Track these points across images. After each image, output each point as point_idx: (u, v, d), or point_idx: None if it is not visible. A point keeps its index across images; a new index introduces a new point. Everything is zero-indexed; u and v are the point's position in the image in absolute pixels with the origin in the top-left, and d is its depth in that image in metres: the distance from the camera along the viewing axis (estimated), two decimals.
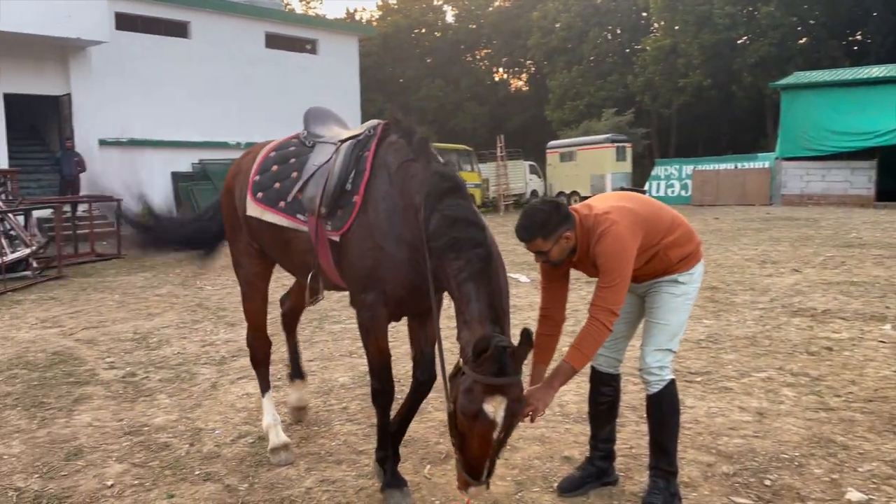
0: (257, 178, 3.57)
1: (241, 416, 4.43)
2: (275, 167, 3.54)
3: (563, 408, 4.33)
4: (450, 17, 49.85)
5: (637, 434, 3.86)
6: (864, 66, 25.76)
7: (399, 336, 6.29)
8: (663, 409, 3.07)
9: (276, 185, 3.47)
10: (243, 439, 4.04)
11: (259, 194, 3.52)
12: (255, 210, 3.55)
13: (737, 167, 25.51)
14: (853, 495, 3.11)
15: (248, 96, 20.95)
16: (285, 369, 5.40)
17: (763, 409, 4.26)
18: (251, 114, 20.55)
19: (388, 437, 3.25)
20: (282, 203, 3.42)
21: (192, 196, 18.84)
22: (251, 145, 3.96)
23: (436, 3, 49.29)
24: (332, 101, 3.54)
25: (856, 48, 35.66)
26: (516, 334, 2.49)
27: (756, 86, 34.13)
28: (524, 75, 51.79)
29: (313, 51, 23.93)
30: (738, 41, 34.69)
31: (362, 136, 3.29)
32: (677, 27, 36.01)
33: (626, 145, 28.53)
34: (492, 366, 2.40)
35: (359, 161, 3.19)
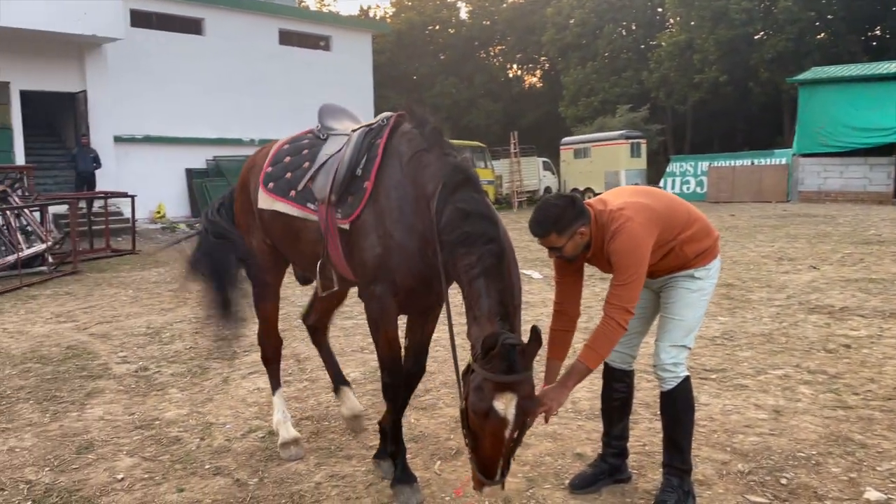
0: (269, 169, 3.55)
1: (251, 411, 4.42)
2: (287, 158, 3.52)
3: (575, 404, 4.28)
4: (464, 14, 49.77)
5: (650, 431, 3.81)
6: (884, 61, 25.39)
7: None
8: (677, 406, 3.02)
9: (288, 175, 3.45)
10: (254, 434, 4.03)
11: (270, 185, 3.50)
12: (266, 201, 3.52)
13: (753, 163, 25.24)
14: (872, 494, 3.05)
15: (261, 93, 21.01)
16: (296, 364, 5.44)
17: (779, 406, 4.19)
18: (265, 110, 20.61)
19: (400, 432, 3.22)
20: (292, 192, 3.39)
21: (206, 192, 18.95)
22: (265, 142, 3.94)
23: None
24: (346, 97, 3.52)
25: (875, 43, 35.14)
26: (525, 330, 2.45)
27: (773, 81, 33.75)
28: (538, 72, 51.59)
29: (327, 47, 23.95)
30: (755, 36, 34.31)
31: (375, 125, 3.27)
32: (693, 22, 35.67)
33: (641, 142, 28.33)
34: (501, 363, 2.36)
35: (371, 148, 3.15)
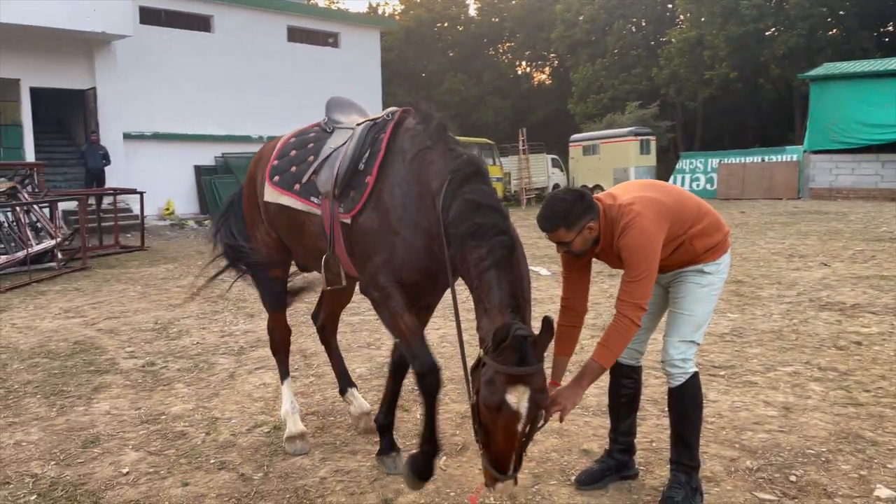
0: (275, 162, 3.55)
1: (257, 406, 4.42)
2: (293, 152, 3.51)
3: (582, 400, 4.24)
4: (472, 11, 49.74)
5: (658, 428, 3.77)
6: None
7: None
8: (686, 402, 2.98)
9: (293, 168, 3.44)
10: (259, 429, 4.02)
11: (276, 178, 3.49)
12: (271, 194, 3.51)
13: (764, 160, 25.07)
14: (882, 492, 3.00)
15: (269, 89, 21.04)
16: (302, 360, 5.43)
17: (789, 403, 4.15)
18: (273, 107, 20.64)
19: (437, 429, 2.95)
20: (297, 186, 3.38)
21: (214, 189, 19.00)
22: (273, 139, 3.92)
23: None
24: (354, 94, 3.56)
25: (887, 39, 34.87)
26: (537, 326, 2.42)
27: (784, 78, 33.54)
28: (547, 69, 51.46)
29: (335, 44, 23.96)
30: (766, 33, 34.08)
31: (380, 120, 3.24)
32: (703, 18, 35.49)
33: (650, 138, 28.18)
34: (512, 355, 2.32)
35: (374, 143, 3.12)
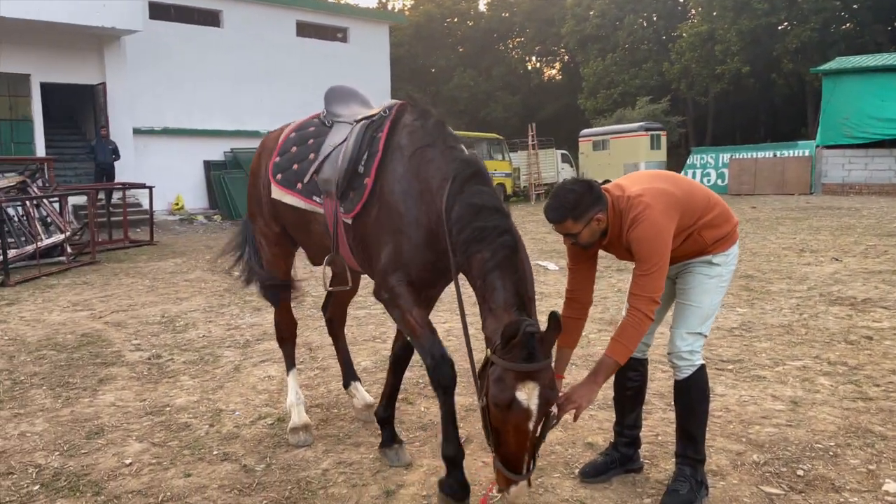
0: (277, 159, 3.54)
1: (261, 398, 4.41)
2: (294, 148, 3.50)
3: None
4: (482, 6, 49.57)
5: (664, 422, 3.74)
6: None
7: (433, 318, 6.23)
8: (692, 395, 2.94)
9: (295, 166, 3.43)
10: (263, 421, 4.02)
11: (279, 176, 3.49)
12: (276, 192, 3.52)
13: (775, 155, 24.85)
14: (891, 486, 2.96)
15: (279, 85, 21.04)
16: (308, 353, 5.42)
17: (797, 397, 4.10)
18: (282, 102, 20.61)
19: (456, 429, 2.86)
20: (299, 185, 3.38)
21: (223, 184, 19.04)
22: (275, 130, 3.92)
23: None
24: (363, 89, 3.58)
25: None
26: (543, 322, 2.40)
27: (797, 73, 33.25)
28: (557, 64, 51.28)
29: (344, 39, 23.93)
30: (779, 27, 33.78)
31: (377, 117, 3.21)
32: (715, 13, 35.22)
33: (661, 133, 28.05)
34: (521, 351, 2.30)
35: (372, 142, 3.11)
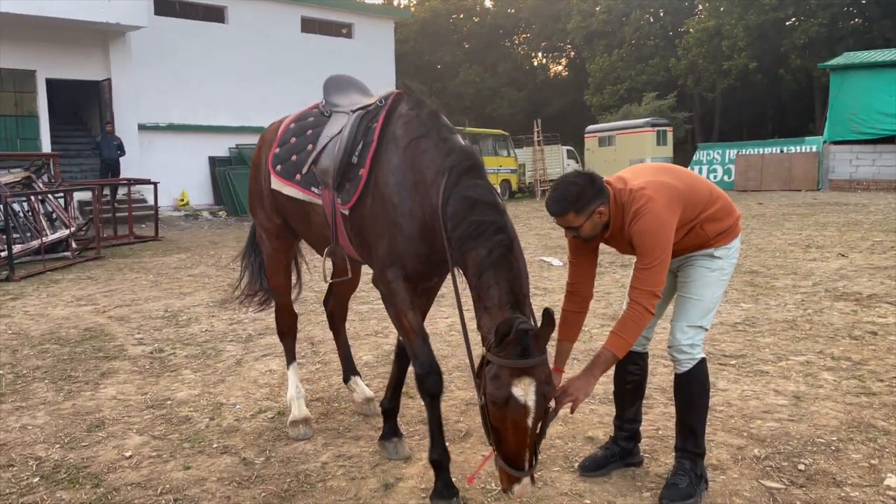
0: (277, 150, 3.53)
1: (262, 392, 4.41)
2: (293, 139, 3.49)
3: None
4: (488, 2, 49.45)
5: (665, 416, 3.72)
6: None
7: (427, 317, 6.22)
8: (692, 388, 2.93)
9: (293, 157, 3.42)
10: (263, 414, 4.02)
11: (278, 167, 3.48)
12: (276, 183, 3.52)
13: (782, 151, 24.72)
14: (893, 481, 2.93)
15: (283, 81, 21.03)
16: (310, 347, 5.42)
17: (800, 392, 4.07)
18: (287, 98, 20.56)
19: (441, 434, 2.90)
20: (298, 176, 3.37)
21: (228, 180, 19.06)
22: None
23: None
24: (368, 84, 3.57)
25: None
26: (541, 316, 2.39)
27: (804, 68, 33.06)
28: (563, 60, 51.15)
29: (349, 35, 23.91)
30: (786, 22, 33.60)
31: (372, 107, 3.19)
32: (722, 8, 35.02)
33: (667, 129, 27.95)
34: (515, 349, 2.30)
35: (367, 133, 3.09)
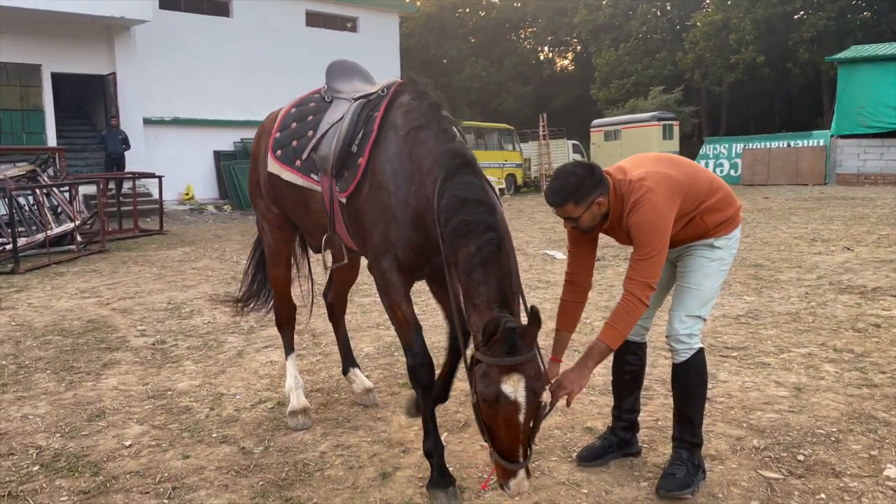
0: (277, 135, 3.53)
1: (263, 383, 4.42)
2: (294, 124, 3.49)
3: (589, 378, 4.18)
4: None
5: (664, 407, 3.70)
6: None
7: (427, 309, 6.22)
8: (689, 378, 2.91)
9: (294, 142, 3.42)
10: (263, 404, 4.03)
11: (278, 152, 3.48)
12: (275, 167, 3.51)
13: (789, 145, 24.58)
14: (892, 471, 2.92)
15: (288, 75, 20.99)
16: (311, 339, 5.43)
17: (801, 384, 4.05)
18: (292, 92, 20.20)
19: (435, 425, 2.92)
20: (297, 162, 3.36)
21: (233, 174, 19.09)
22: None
23: None
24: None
25: None
26: (550, 309, 2.38)
27: (812, 62, 32.84)
28: (570, 54, 50.95)
29: (354, 29, 23.89)
30: (794, 16, 33.37)
31: (374, 96, 3.19)
32: (729, 2, 34.84)
33: (673, 123, 27.83)
34: (503, 346, 2.31)
35: (367, 122, 3.09)
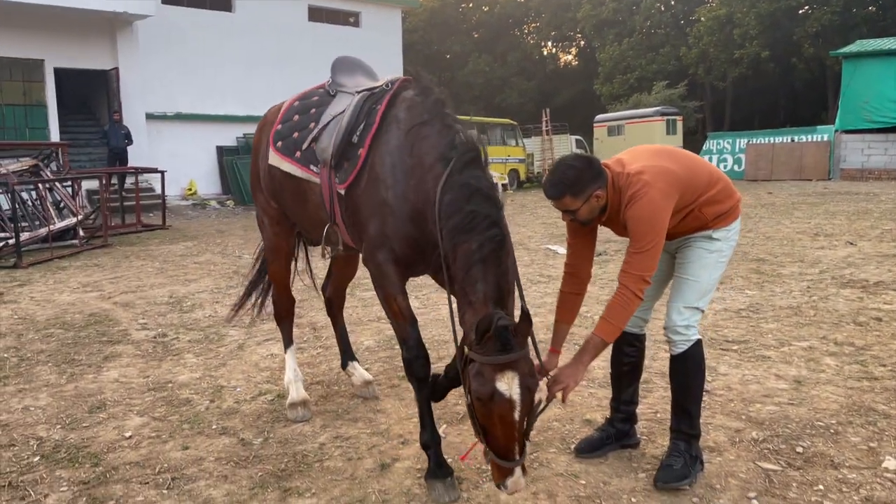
0: (279, 127, 3.53)
1: (263, 375, 4.43)
2: (296, 117, 3.49)
3: (588, 372, 4.18)
4: None
5: (664, 400, 3.70)
6: None
7: (429, 303, 6.23)
8: (687, 369, 2.91)
9: (295, 134, 3.42)
10: (263, 397, 4.04)
11: (279, 143, 3.48)
12: (274, 158, 3.51)
13: (793, 140, 24.48)
14: (891, 463, 2.91)
15: (290, 70, 20.94)
16: (312, 332, 5.44)
17: (801, 377, 4.05)
18: (294, 87, 20.14)
19: (431, 417, 2.93)
20: (297, 153, 3.36)
21: (236, 170, 19.09)
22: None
23: None
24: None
25: None
26: (551, 303, 2.38)
27: (817, 57, 32.73)
28: (573, 49, 50.82)
29: (356, 24, 23.82)
30: (799, 10, 33.22)
31: (378, 90, 3.18)
32: None
33: (677, 118, 27.78)
34: (496, 344, 2.31)
35: (369, 114, 3.09)
